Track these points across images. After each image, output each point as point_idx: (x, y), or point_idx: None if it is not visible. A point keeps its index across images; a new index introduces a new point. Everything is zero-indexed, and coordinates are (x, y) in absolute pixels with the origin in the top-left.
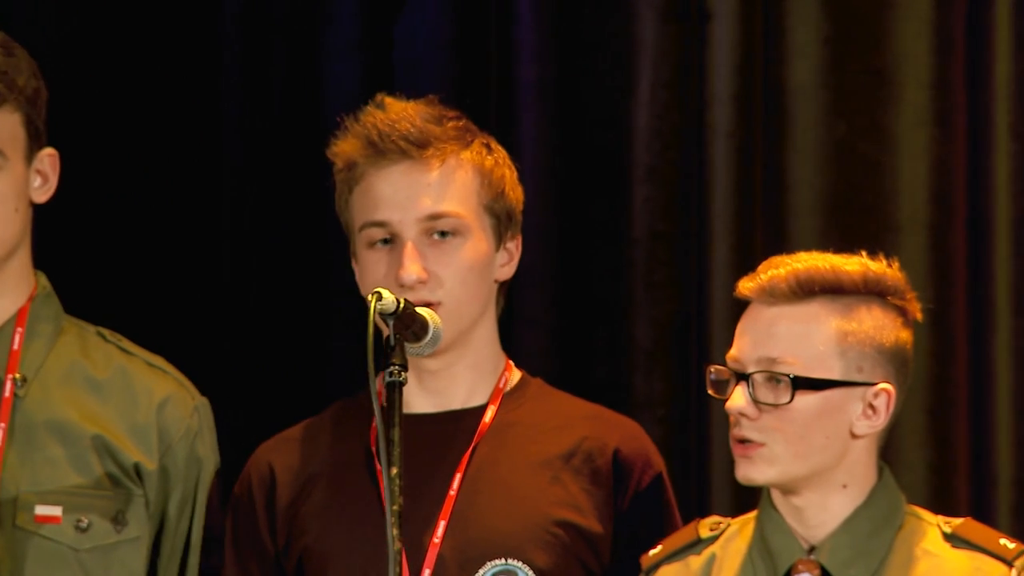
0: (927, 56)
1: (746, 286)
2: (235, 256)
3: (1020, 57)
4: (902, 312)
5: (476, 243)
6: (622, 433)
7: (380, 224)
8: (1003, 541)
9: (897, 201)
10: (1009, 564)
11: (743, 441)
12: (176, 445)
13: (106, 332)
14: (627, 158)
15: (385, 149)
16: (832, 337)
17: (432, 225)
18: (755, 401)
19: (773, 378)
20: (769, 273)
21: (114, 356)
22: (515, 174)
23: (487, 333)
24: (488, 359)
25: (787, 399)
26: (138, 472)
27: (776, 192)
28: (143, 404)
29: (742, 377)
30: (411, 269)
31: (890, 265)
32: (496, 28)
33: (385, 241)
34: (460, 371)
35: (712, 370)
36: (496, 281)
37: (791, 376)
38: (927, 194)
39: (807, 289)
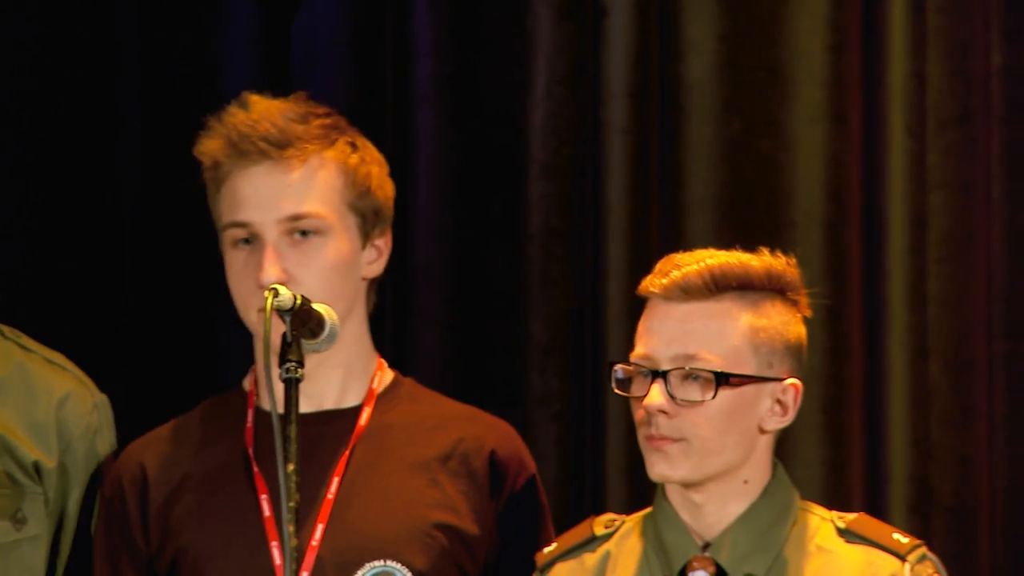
0: (822, 53)
1: (656, 283)
2: (134, 254)
3: (915, 54)
4: (799, 308)
5: (339, 242)
6: (498, 435)
7: (241, 225)
8: (896, 536)
9: (792, 198)
10: (902, 558)
11: (658, 439)
12: (76, 442)
13: (5, 329)
14: (523, 155)
15: (246, 150)
16: (745, 333)
17: (293, 225)
18: (673, 398)
19: (691, 375)
20: (683, 270)
21: (13, 353)
22: (384, 170)
23: (356, 331)
24: (359, 358)
25: (710, 395)
26: (37, 470)
27: (672, 189)
28: (42, 401)
29: (657, 375)
30: (270, 271)
31: (788, 261)
32: (392, 25)
33: (247, 241)
34: (330, 370)
35: (618, 368)
36: (364, 279)
37: (715, 372)
38: (822, 191)
39: (721, 285)
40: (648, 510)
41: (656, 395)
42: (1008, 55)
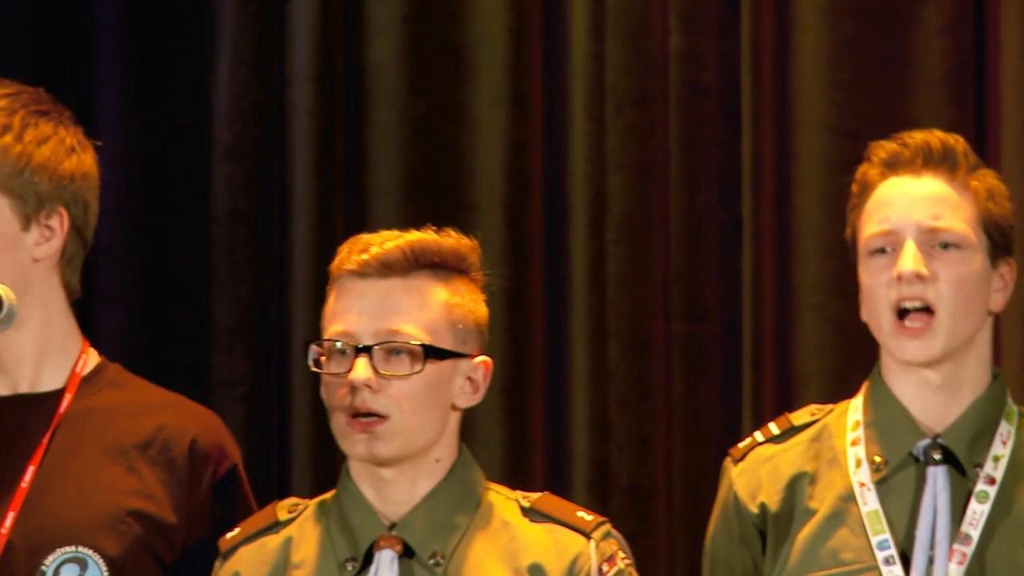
0: (503, 35)
1: (353, 259)
2: None
3: (594, 37)
4: (481, 287)
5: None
6: (200, 424)
7: None
8: (580, 513)
9: (474, 180)
10: (587, 536)
11: (360, 416)
12: None
13: None
14: (207, 136)
15: None
16: (443, 309)
17: None
18: (378, 373)
19: (394, 350)
20: (382, 246)
21: None
22: (59, 150)
23: (44, 314)
24: (51, 341)
25: (418, 369)
26: None
27: (357, 171)
28: None
29: (361, 350)
30: None
31: (471, 242)
32: (75, 3)
33: None
34: (20, 353)
35: (314, 348)
36: (37, 260)
37: (422, 345)
38: (503, 173)
39: (419, 262)
40: (331, 493)
41: (361, 369)
42: (686, 38)
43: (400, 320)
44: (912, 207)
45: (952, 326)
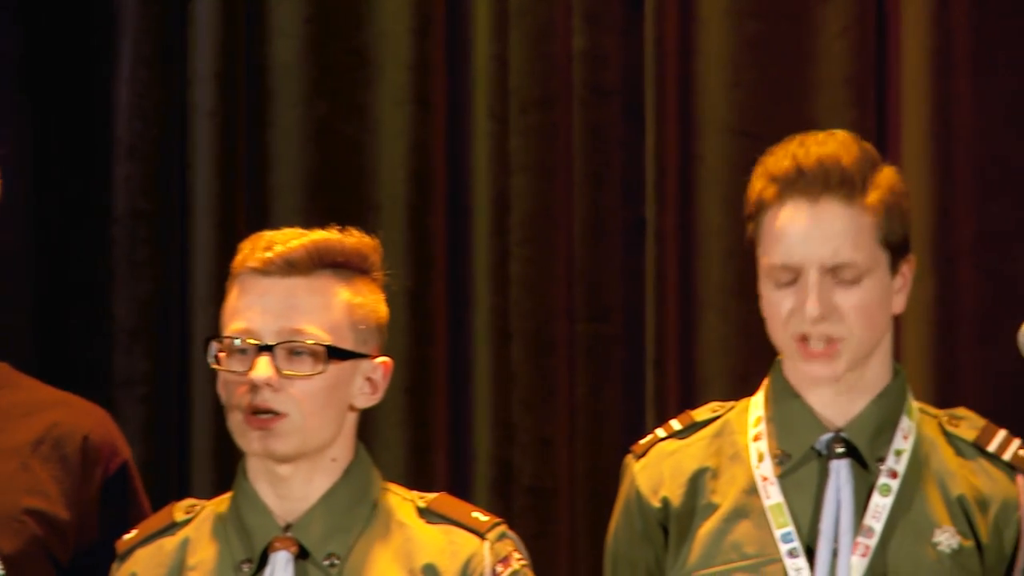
0: (407, 36)
1: (256, 257)
2: None
3: (498, 38)
4: (381, 287)
5: None
6: (92, 420)
7: None
8: (476, 514)
9: (377, 181)
10: (482, 536)
11: (259, 413)
12: None
13: None
14: (108, 135)
15: None
16: (345, 309)
17: None
18: (279, 372)
19: (297, 350)
20: (286, 245)
21: None
22: None
23: None
24: None
25: (320, 369)
26: None
27: (259, 171)
28: None
29: (264, 348)
30: None
31: (372, 241)
32: None
33: None
34: None
35: (214, 344)
36: None
37: (325, 346)
38: (406, 174)
39: (323, 261)
40: (229, 494)
41: (263, 368)
42: (589, 39)
43: (303, 320)
44: (813, 244)
45: (858, 348)
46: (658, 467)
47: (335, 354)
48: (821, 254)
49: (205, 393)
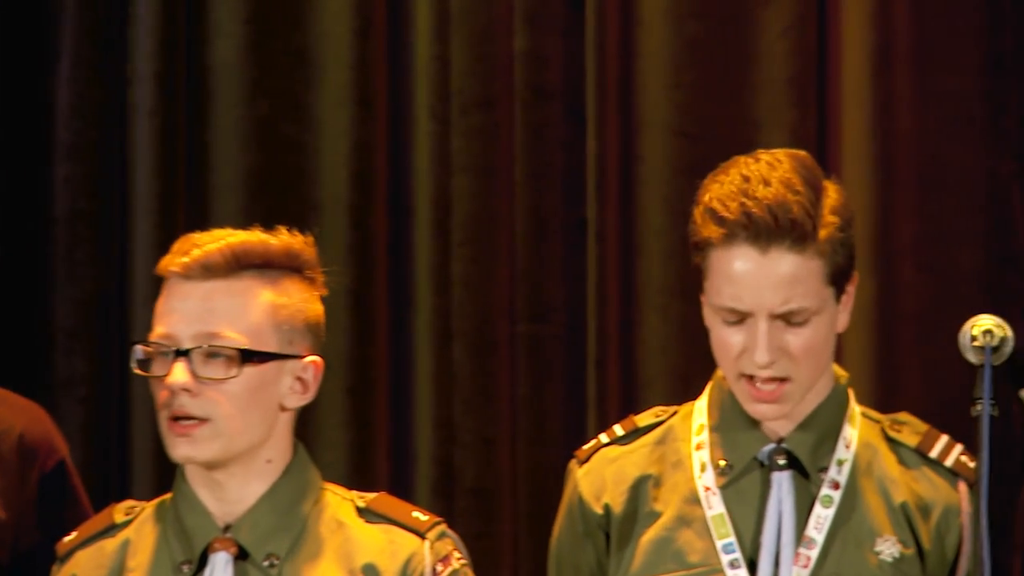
0: (348, 36)
1: (176, 262)
2: None
3: (439, 39)
4: (316, 286)
5: None
6: (27, 418)
7: None
8: (416, 514)
9: (318, 181)
10: (422, 536)
11: (180, 419)
12: None
13: None
14: (47, 135)
15: None
16: (267, 310)
17: None
18: (196, 377)
19: (213, 353)
20: (203, 248)
21: None
22: None
23: None
24: None
25: (234, 373)
26: None
27: (199, 171)
28: None
29: (180, 353)
30: None
31: (305, 240)
32: None
33: None
34: None
35: (138, 348)
36: None
37: (238, 349)
38: (348, 174)
39: (242, 263)
40: (168, 496)
41: (179, 373)
42: (530, 40)
43: (219, 323)
44: (762, 292)
45: (805, 385)
46: (601, 473)
47: (251, 356)
48: (771, 302)
49: (145, 394)
